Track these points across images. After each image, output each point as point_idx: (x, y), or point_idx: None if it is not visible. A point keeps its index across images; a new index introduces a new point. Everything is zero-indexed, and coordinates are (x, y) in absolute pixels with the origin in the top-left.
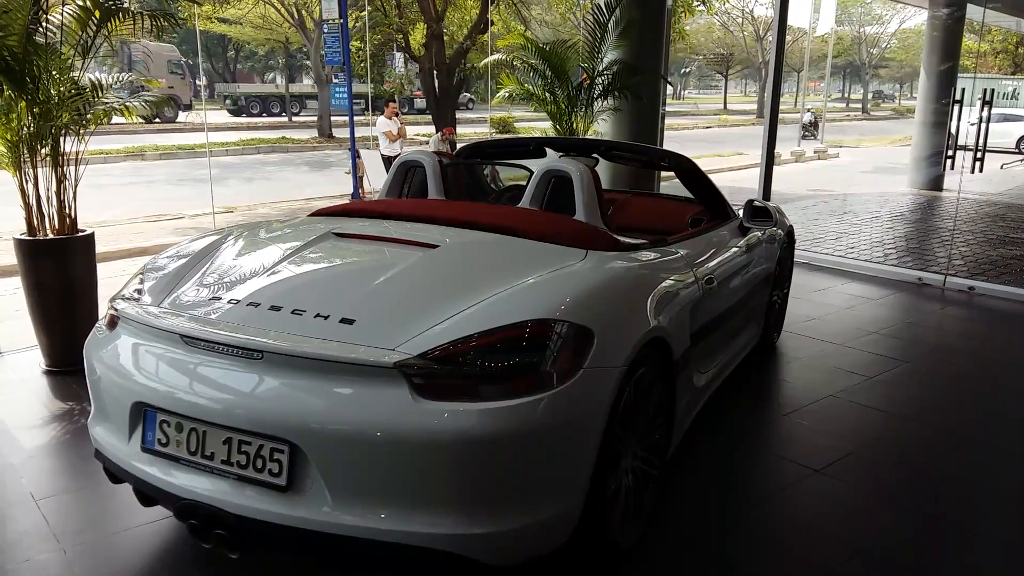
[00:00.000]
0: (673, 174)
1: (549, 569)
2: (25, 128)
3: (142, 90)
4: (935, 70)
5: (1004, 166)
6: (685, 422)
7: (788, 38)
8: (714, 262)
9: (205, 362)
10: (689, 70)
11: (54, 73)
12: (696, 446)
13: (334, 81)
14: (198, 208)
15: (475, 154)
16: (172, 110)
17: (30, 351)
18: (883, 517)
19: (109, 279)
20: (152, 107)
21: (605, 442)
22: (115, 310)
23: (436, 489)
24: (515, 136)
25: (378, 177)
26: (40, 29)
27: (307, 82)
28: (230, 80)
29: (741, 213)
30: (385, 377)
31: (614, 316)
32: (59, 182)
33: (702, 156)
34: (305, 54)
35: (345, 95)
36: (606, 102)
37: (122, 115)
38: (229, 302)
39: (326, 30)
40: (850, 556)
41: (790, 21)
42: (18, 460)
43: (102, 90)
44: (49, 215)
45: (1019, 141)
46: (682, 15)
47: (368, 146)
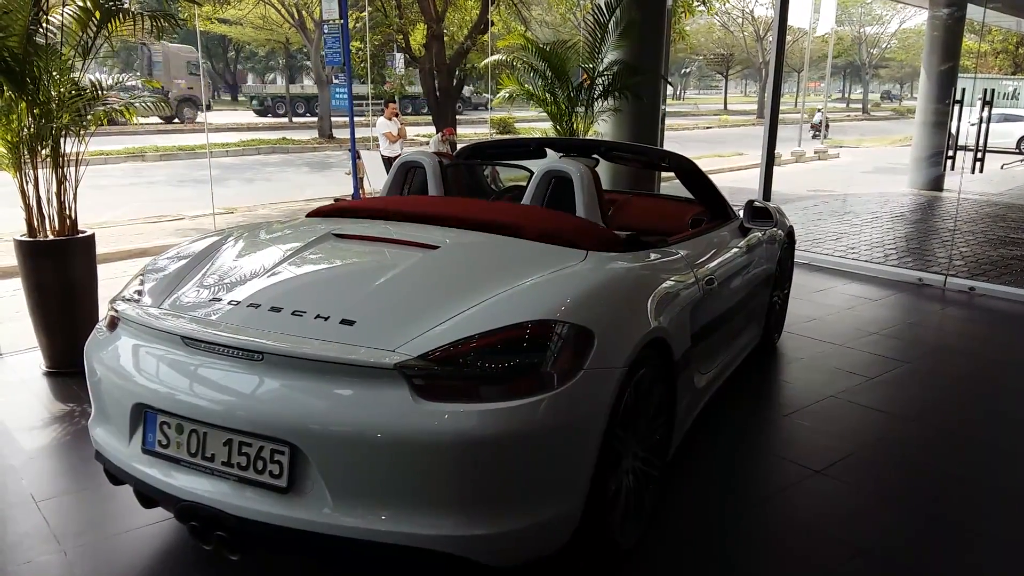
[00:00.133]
0: (673, 175)
1: (549, 570)
2: (25, 129)
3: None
4: (935, 70)
5: (1004, 166)
6: (686, 423)
7: (788, 38)
8: (714, 263)
9: (205, 363)
10: (689, 70)
11: (54, 74)
12: (697, 447)
13: (335, 82)
14: (198, 209)
15: (475, 155)
16: (191, 110)
17: (30, 352)
18: (884, 518)
19: (109, 280)
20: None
21: (606, 443)
22: (115, 311)
23: (437, 490)
24: (515, 137)
25: (378, 178)
26: (40, 30)
27: (307, 82)
28: (231, 81)
29: (741, 214)
30: (385, 378)
31: (615, 317)
32: (59, 183)
33: (702, 156)
34: (305, 55)
35: (345, 96)
36: (606, 102)
37: (123, 116)
38: (229, 303)
39: (326, 31)
40: (851, 556)
41: (790, 21)
42: (19, 462)
43: (102, 91)
44: (49, 216)
45: (1019, 141)
46: (682, 15)
47: (368, 147)
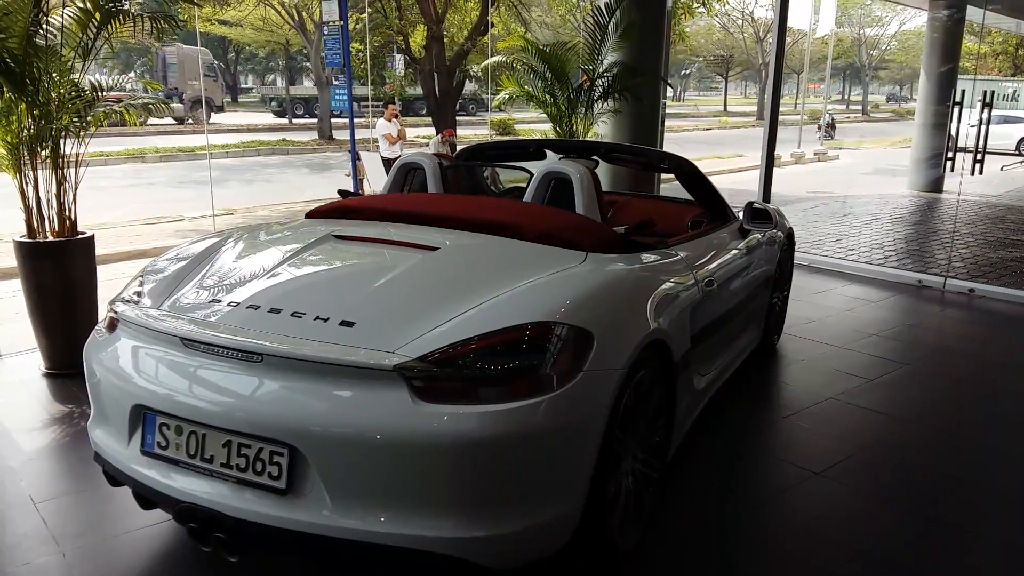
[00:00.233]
0: (673, 176)
1: (549, 571)
2: (25, 130)
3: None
4: (935, 72)
5: (1004, 168)
6: (685, 424)
7: (788, 40)
8: (714, 264)
9: (205, 365)
10: (689, 72)
11: (54, 75)
12: (696, 448)
13: (335, 83)
14: (198, 210)
15: (475, 156)
16: (207, 111)
17: (30, 353)
18: (883, 520)
19: (109, 281)
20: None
21: (605, 444)
22: (115, 312)
23: (436, 492)
24: (515, 138)
25: (378, 179)
26: (41, 31)
27: (307, 83)
28: (231, 82)
29: (741, 215)
30: (385, 380)
31: (614, 318)
32: (59, 184)
33: (702, 158)
34: (305, 56)
35: (345, 97)
36: (606, 104)
37: (123, 117)
38: (229, 305)
39: (326, 32)
40: (850, 558)
41: (790, 23)
42: (17, 463)
43: (102, 91)
44: (49, 217)
45: (1019, 143)
46: (682, 17)
47: (368, 148)
